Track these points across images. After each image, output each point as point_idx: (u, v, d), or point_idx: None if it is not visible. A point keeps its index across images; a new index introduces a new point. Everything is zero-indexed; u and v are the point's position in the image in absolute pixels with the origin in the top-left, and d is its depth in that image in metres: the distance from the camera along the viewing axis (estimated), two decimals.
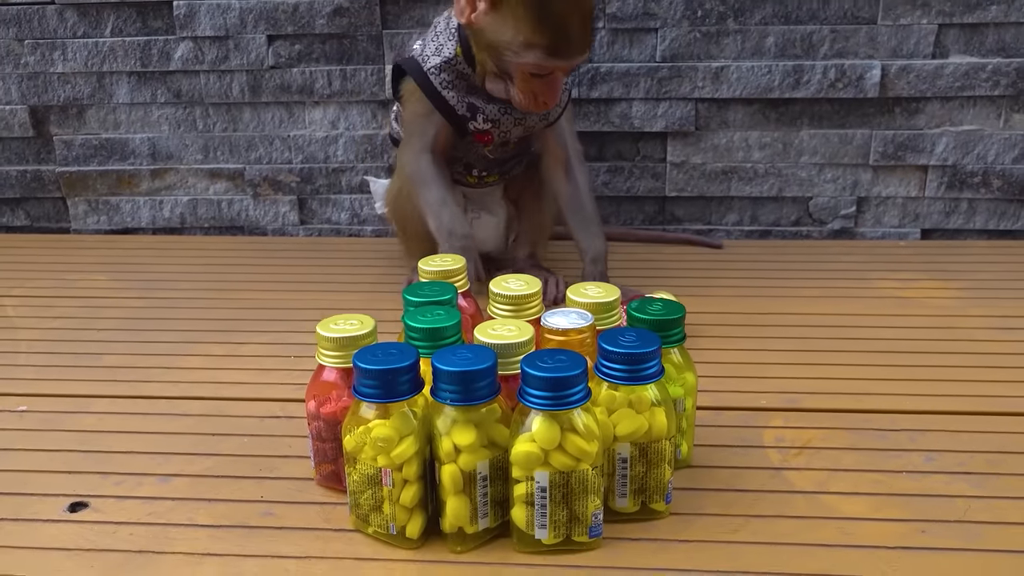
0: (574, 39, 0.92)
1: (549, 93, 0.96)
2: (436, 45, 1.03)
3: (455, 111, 1.03)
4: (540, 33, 0.90)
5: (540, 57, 0.92)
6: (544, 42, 0.91)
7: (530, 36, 0.91)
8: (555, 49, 0.91)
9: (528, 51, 0.92)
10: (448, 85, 1.02)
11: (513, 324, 0.67)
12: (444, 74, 1.02)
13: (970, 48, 1.25)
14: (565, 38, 0.91)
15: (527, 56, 0.92)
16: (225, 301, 1.14)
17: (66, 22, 1.34)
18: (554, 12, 0.90)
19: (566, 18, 0.90)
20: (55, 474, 0.75)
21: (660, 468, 0.66)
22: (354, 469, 0.64)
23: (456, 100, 1.03)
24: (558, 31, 0.91)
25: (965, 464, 0.74)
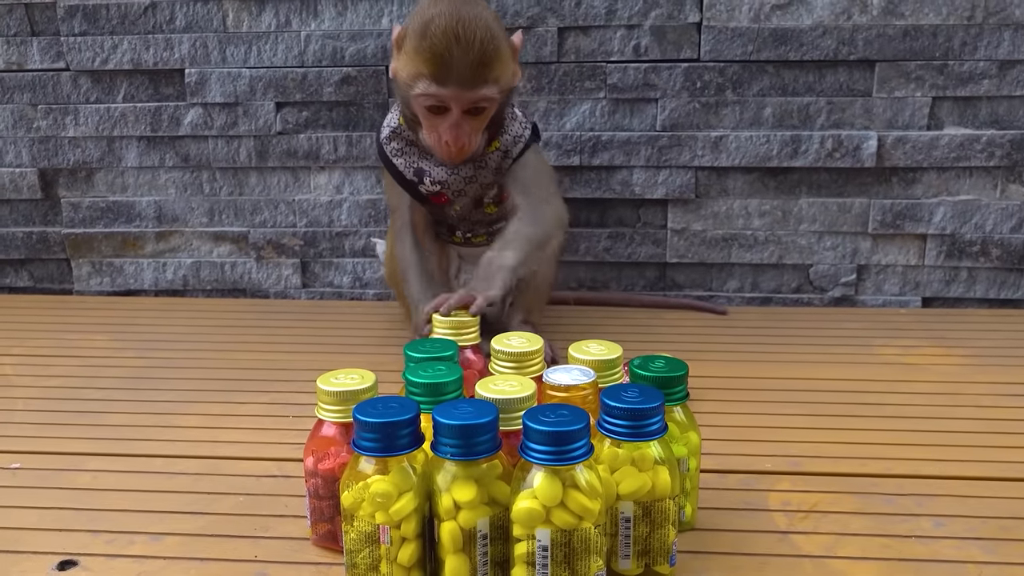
0: (454, 67, 0.94)
1: (451, 134, 0.98)
2: (390, 116, 1.11)
3: (404, 176, 1.08)
4: (423, 62, 0.95)
5: (426, 86, 0.96)
6: (427, 70, 0.95)
7: (418, 66, 0.96)
8: (437, 77, 0.95)
9: (418, 81, 0.97)
10: (398, 152, 1.08)
11: (515, 379, 0.67)
12: (394, 143, 1.08)
13: (964, 120, 1.28)
14: (444, 66, 0.94)
15: (418, 87, 0.97)
16: (225, 362, 1.14)
17: (80, 88, 1.38)
18: (433, 41, 0.94)
19: (444, 46, 0.94)
20: (46, 532, 0.74)
21: (664, 528, 0.64)
22: (351, 527, 0.63)
23: (404, 166, 1.08)
24: (436, 58, 0.94)
25: (976, 529, 0.72)
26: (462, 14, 0.95)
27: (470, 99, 0.97)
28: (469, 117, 0.99)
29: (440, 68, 0.95)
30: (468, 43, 0.94)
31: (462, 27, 0.94)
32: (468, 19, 0.95)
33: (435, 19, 0.95)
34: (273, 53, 1.33)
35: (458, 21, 0.94)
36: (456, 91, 0.96)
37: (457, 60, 0.94)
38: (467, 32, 0.94)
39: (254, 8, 1.32)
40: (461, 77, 0.95)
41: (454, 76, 0.95)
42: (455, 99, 0.97)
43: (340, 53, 1.32)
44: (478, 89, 0.96)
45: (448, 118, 0.98)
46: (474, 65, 0.95)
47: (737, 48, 1.27)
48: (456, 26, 0.94)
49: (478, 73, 0.96)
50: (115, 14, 1.34)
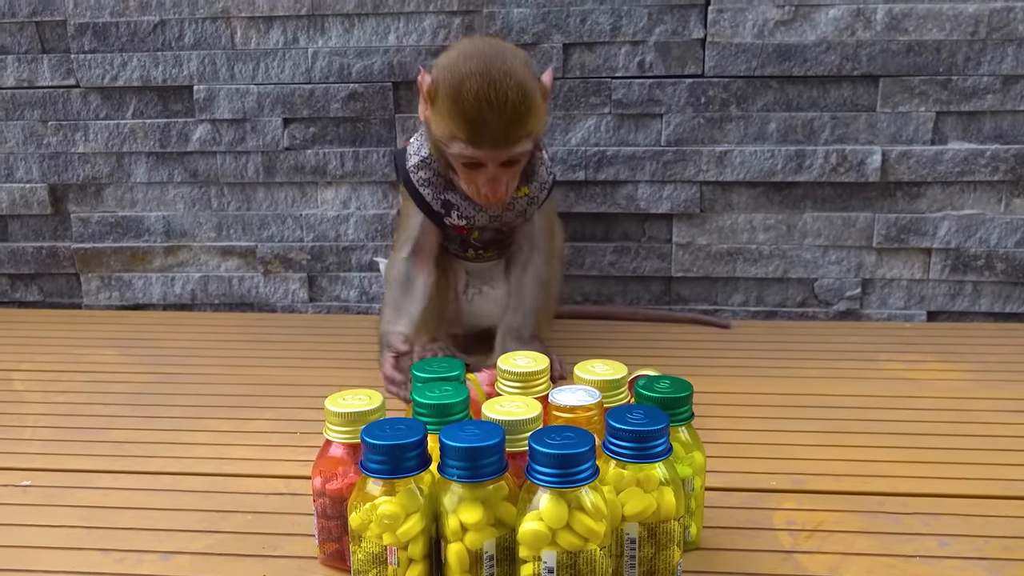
0: (488, 132, 0.95)
1: (490, 187, 0.99)
2: (418, 145, 1.09)
3: (431, 207, 1.08)
4: (459, 125, 0.96)
5: (462, 147, 0.97)
6: (462, 134, 0.96)
7: (453, 128, 0.96)
8: (473, 139, 0.96)
9: (453, 142, 0.97)
10: (425, 183, 1.07)
11: (521, 400, 0.68)
12: (422, 172, 1.07)
13: (968, 135, 1.28)
14: (479, 129, 0.95)
15: (453, 147, 0.97)
16: (232, 377, 1.15)
17: (89, 105, 1.39)
18: (468, 106, 0.94)
19: (478, 112, 0.94)
20: (55, 550, 0.74)
21: (669, 550, 0.65)
22: (359, 547, 0.63)
23: (432, 197, 1.07)
24: (473, 123, 0.95)
25: (980, 549, 0.72)
26: (493, 74, 0.94)
27: (505, 157, 0.98)
28: (505, 168, 0.99)
29: (475, 132, 0.95)
30: (501, 106, 0.94)
31: (494, 90, 0.93)
32: (499, 79, 0.94)
33: (467, 82, 0.94)
34: (281, 70, 1.34)
35: (489, 84, 0.93)
36: (492, 152, 0.96)
37: (491, 124, 0.94)
38: (499, 95, 0.94)
39: (262, 25, 1.33)
40: (495, 139, 0.96)
41: (489, 139, 0.96)
42: (490, 158, 0.97)
43: (347, 70, 1.33)
44: (511, 148, 0.97)
45: (484, 172, 0.99)
46: (507, 126, 0.95)
47: (741, 64, 1.27)
48: (488, 90, 0.93)
49: (512, 133, 0.96)
50: (125, 32, 1.35)
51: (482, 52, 0.97)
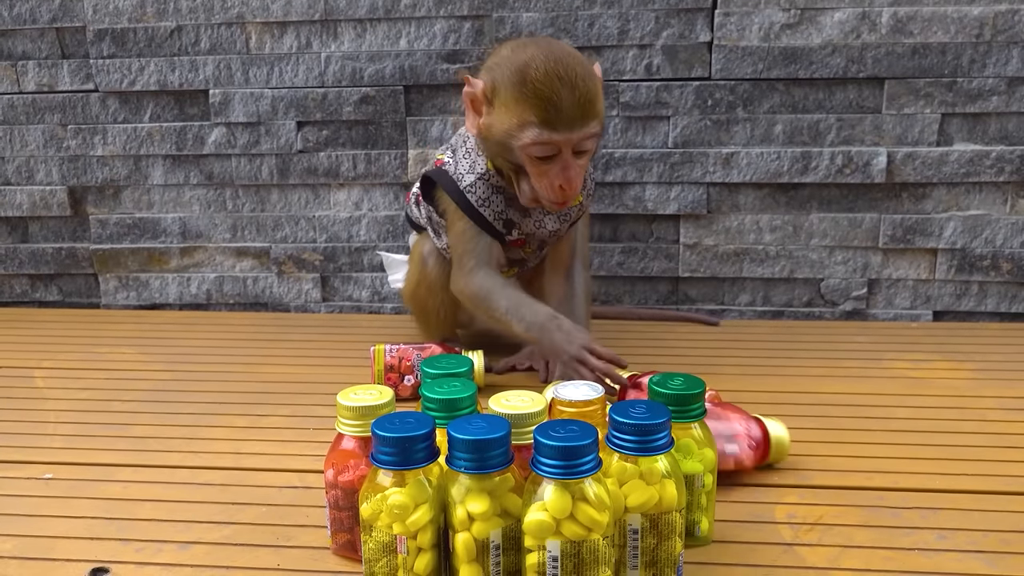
0: (563, 108, 0.92)
1: (565, 177, 0.95)
2: (469, 163, 1.05)
3: (494, 228, 1.06)
4: (529, 109, 0.92)
5: (536, 134, 0.93)
6: (535, 117, 0.92)
7: (523, 115, 0.93)
8: (547, 121, 0.92)
9: (525, 130, 0.93)
10: (484, 202, 1.04)
11: (526, 395, 0.69)
12: (479, 191, 1.04)
13: (973, 136, 1.29)
14: (554, 108, 0.92)
15: (526, 136, 0.93)
16: (247, 375, 1.17)
17: (108, 108, 1.42)
18: (537, 86, 0.91)
19: (550, 88, 0.91)
20: (78, 540, 0.77)
21: (671, 541, 0.66)
22: (370, 537, 0.65)
23: (493, 217, 1.05)
24: (545, 102, 0.92)
25: (978, 543, 0.74)
26: (556, 54, 0.92)
27: (581, 138, 0.94)
28: (576, 157, 0.96)
29: (549, 112, 0.92)
30: (572, 81, 0.92)
31: (562, 67, 0.91)
32: (564, 57, 0.92)
33: (532, 63, 0.92)
34: (294, 74, 1.37)
35: (556, 61, 0.91)
36: (567, 133, 0.93)
37: (565, 101, 0.92)
38: (568, 71, 0.91)
39: (276, 31, 1.36)
40: (571, 117, 0.93)
41: (564, 118, 0.92)
42: (566, 141, 0.94)
43: (359, 74, 1.36)
44: (587, 126, 0.94)
45: (558, 162, 0.95)
46: (581, 103, 0.93)
47: (748, 66, 1.29)
48: (556, 67, 0.91)
49: (585, 110, 0.93)
50: (142, 37, 1.38)
51: (535, 42, 0.96)
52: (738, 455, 0.83)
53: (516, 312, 1.02)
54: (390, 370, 1.08)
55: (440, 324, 1.16)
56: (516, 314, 1.02)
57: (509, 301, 1.03)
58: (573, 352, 0.97)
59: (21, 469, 0.91)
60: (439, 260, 1.14)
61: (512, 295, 1.03)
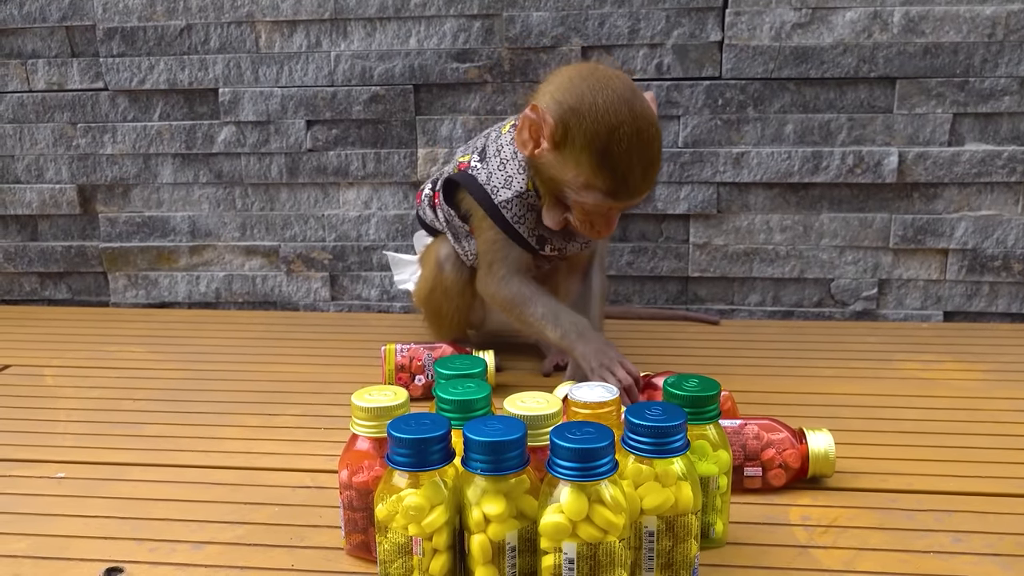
0: (632, 185, 0.92)
1: (604, 225, 0.97)
2: (504, 177, 1.03)
3: (529, 243, 1.05)
4: (600, 177, 0.91)
5: (599, 199, 0.93)
6: (604, 186, 0.92)
7: (590, 178, 0.92)
8: (614, 193, 0.92)
9: (587, 192, 0.93)
10: (519, 219, 1.03)
11: (542, 396, 0.69)
12: (515, 208, 1.03)
13: (985, 136, 1.28)
14: (624, 184, 0.91)
15: (586, 197, 0.93)
16: (257, 373, 1.17)
17: (117, 107, 1.42)
18: (616, 161, 0.90)
19: (628, 166, 0.90)
20: (92, 539, 0.77)
21: (687, 543, 0.66)
22: (385, 538, 0.65)
23: (528, 233, 1.04)
24: (618, 177, 0.91)
25: (994, 545, 0.73)
26: (639, 124, 0.90)
27: (638, 202, 0.96)
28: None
29: (619, 187, 0.92)
30: (649, 161, 0.91)
31: (643, 146, 0.90)
32: (646, 131, 0.90)
33: (617, 133, 0.89)
34: (304, 73, 1.37)
35: (638, 136, 0.89)
36: (627, 202, 0.94)
37: (637, 177, 0.91)
38: (647, 148, 0.91)
39: (286, 29, 1.36)
40: (637, 190, 0.93)
41: (631, 192, 0.93)
42: (622, 208, 0.96)
43: (369, 73, 1.36)
44: (646, 194, 0.95)
45: (607, 214, 0.96)
46: (651, 177, 0.93)
47: (758, 66, 1.29)
48: (639, 145, 0.90)
49: (651, 181, 0.94)
50: (152, 36, 1.38)
51: (620, 96, 0.90)
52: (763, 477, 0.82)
53: (553, 318, 1.02)
54: (401, 370, 1.08)
55: (453, 327, 1.16)
56: (553, 320, 1.02)
57: (546, 308, 1.03)
58: (605, 362, 0.98)
59: (33, 468, 0.91)
60: (456, 265, 1.13)
61: (548, 303, 1.04)
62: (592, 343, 1.00)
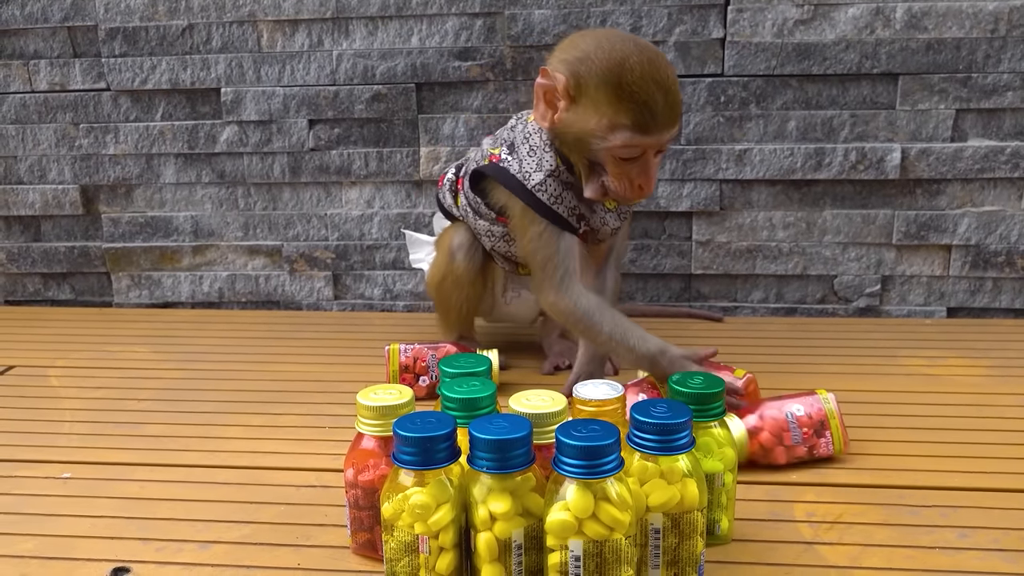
0: (658, 113, 0.89)
1: (644, 177, 0.93)
2: (536, 160, 1.00)
3: (570, 223, 1.01)
4: (623, 112, 0.89)
5: (627, 137, 0.89)
6: (629, 120, 0.89)
7: (614, 117, 0.89)
8: (641, 125, 0.89)
9: (615, 133, 0.90)
10: (557, 199, 1.00)
11: (547, 394, 0.69)
12: (551, 188, 0.99)
13: (988, 132, 1.28)
14: (649, 113, 0.89)
15: (615, 139, 0.90)
16: (261, 373, 1.17)
17: (120, 107, 1.42)
18: (633, 89, 0.88)
19: (647, 92, 0.88)
20: (98, 539, 0.77)
21: (692, 540, 0.66)
22: (391, 536, 0.65)
23: (567, 213, 1.00)
24: (641, 107, 0.88)
25: (999, 541, 0.73)
26: (649, 53, 0.89)
27: (669, 139, 0.92)
28: (656, 156, 0.93)
29: (645, 116, 0.88)
30: (667, 85, 0.89)
31: (658, 69, 0.88)
32: (656, 58, 0.89)
33: (627, 64, 0.87)
34: (306, 72, 1.37)
35: (650, 62, 0.88)
36: (658, 136, 0.90)
37: (660, 105, 0.89)
38: (662, 73, 0.88)
39: (287, 29, 1.36)
40: (664, 121, 0.90)
41: (658, 122, 0.89)
42: (655, 144, 0.91)
43: (371, 71, 1.36)
44: (675, 129, 0.92)
45: (640, 163, 0.92)
46: (673, 106, 0.90)
47: (761, 63, 1.29)
48: (652, 69, 0.88)
49: (676, 113, 0.91)
50: (154, 36, 1.38)
51: (622, 36, 0.90)
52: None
53: (623, 338, 0.97)
54: (405, 370, 1.08)
55: (461, 319, 1.15)
56: (624, 341, 0.97)
57: (613, 325, 0.98)
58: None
59: (39, 468, 0.91)
60: (468, 254, 1.11)
61: (614, 319, 0.98)
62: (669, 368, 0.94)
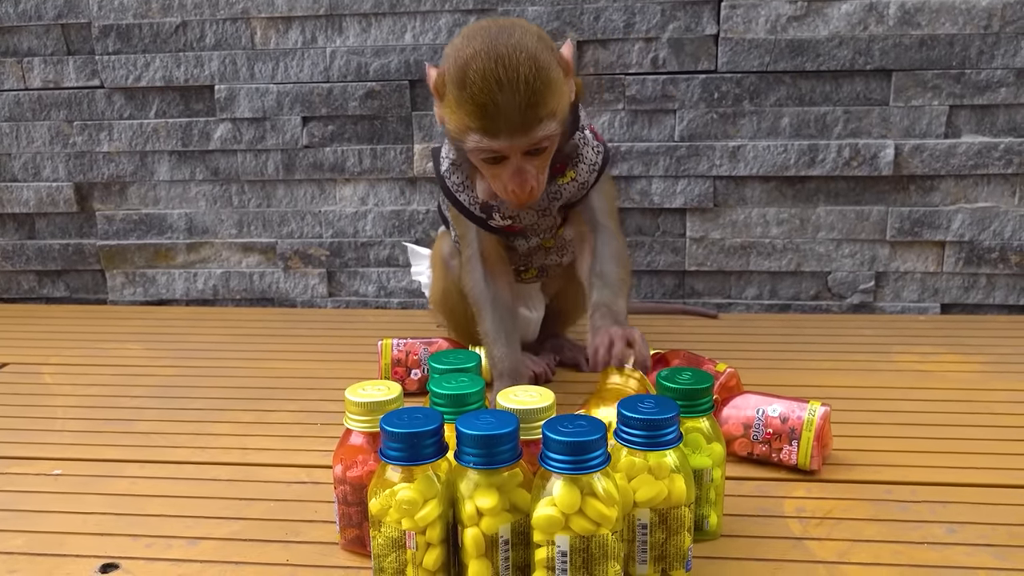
0: (503, 116, 0.83)
1: (515, 181, 0.87)
2: (447, 147, 0.99)
3: (472, 213, 0.99)
4: (468, 113, 0.85)
5: (477, 140, 0.85)
6: (475, 123, 0.85)
7: (463, 119, 0.85)
8: (487, 129, 0.84)
9: (468, 135, 0.86)
10: (460, 187, 0.98)
11: (534, 390, 0.69)
12: (455, 176, 0.98)
13: (981, 128, 1.28)
14: (492, 116, 0.83)
15: (469, 141, 0.86)
16: (254, 370, 1.17)
17: (113, 105, 1.42)
18: (476, 89, 0.83)
19: (489, 93, 0.83)
20: (88, 536, 0.77)
21: (680, 535, 0.66)
22: (379, 532, 0.65)
23: (470, 202, 0.98)
24: (483, 108, 0.83)
25: (987, 536, 0.73)
26: (499, 50, 0.82)
27: (527, 144, 0.86)
28: (531, 158, 0.87)
29: (487, 120, 0.84)
30: (512, 85, 0.82)
31: (502, 67, 0.82)
32: (507, 55, 0.82)
33: (471, 63, 0.83)
34: (300, 69, 1.37)
35: (496, 60, 0.82)
36: (510, 141, 0.85)
37: (504, 107, 0.83)
38: (508, 72, 0.82)
39: (281, 26, 1.36)
40: (512, 125, 0.84)
41: (504, 125, 0.84)
42: (510, 148, 0.86)
43: (364, 68, 1.35)
44: (533, 132, 0.85)
45: (508, 165, 0.87)
46: (523, 108, 0.83)
47: (754, 59, 1.29)
48: (495, 68, 0.82)
49: (529, 115, 0.84)
50: (147, 33, 1.38)
51: (486, 30, 0.85)
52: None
53: (491, 345, 0.99)
54: (397, 364, 1.08)
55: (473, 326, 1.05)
56: (489, 348, 0.99)
57: (492, 327, 0.99)
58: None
59: (30, 465, 0.91)
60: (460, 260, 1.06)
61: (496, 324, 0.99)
62: (502, 386, 0.93)
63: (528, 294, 1.12)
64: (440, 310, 1.13)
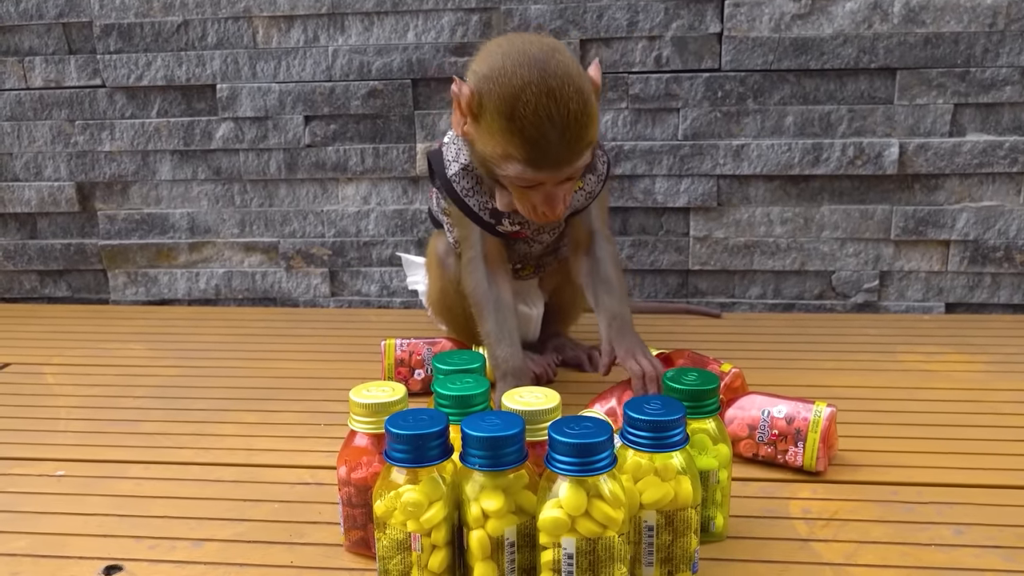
0: (551, 150, 0.83)
1: (547, 205, 0.88)
2: (456, 149, 0.99)
3: (481, 218, 0.99)
4: (515, 146, 0.84)
5: (520, 170, 0.85)
6: (521, 155, 0.84)
7: (507, 148, 0.84)
8: (533, 161, 0.84)
9: (508, 164, 0.85)
10: (469, 192, 0.98)
11: (540, 391, 0.69)
12: (464, 181, 0.98)
13: (986, 127, 1.28)
14: (541, 150, 0.83)
15: (508, 169, 0.86)
16: (257, 370, 1.17)
17: (115, 104, 1.42)
18: (527, 123, 0.82)
19: (539, 130, 0.82)
20: (91, 537, 0.77)
21: (686, 537, 0.66)
22: (384, 534, 0.65)
23: (479, 207, 0.98)
24: (533, 143, 0.83)
25: (995, 538, 0.73)
26: (550, 83, 0.81)
27: (568, 174, 0.86)
28: (563, 184, 0.88)
29: (535, 152, 0.83)
30: (564, 122, 0.82)
31: (555, 103, 0.81)
32: (559, 89, 0.81)
33: (523, 95, 0.81)
34: (302, 68, 1.36)
35: (548, 95, 0.81)
36: (552, 172, 0.85)
37: (553, 142, 0.82)
38: (560, 109, 0.81)
39: (283, 24, 1.35)
40: (558, 159, 0.84)
41: (551, 159, 0.84)
42: (550, 179, 0.86)
43: (367, 67, 1.35)
44: (575, 163, 0.85)
45: (541, 190, 0.87)
46: (571, 142, 0.83)
47: (758, 58, 1.28)
48: (548, 104, 0.81)
49: (575, 148, 0.84)
50: (149, 32, 1.38)
51: (532, 57, 0.83)
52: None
53: (494, 346, 0.98)
54: (400, 364, 1.08)
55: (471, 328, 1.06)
56: (492, 348, 0.99)
57: (494, 328, 0.99)
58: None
59: (32, 466, 0.91)
60: (458, 260, 1.06)
61: (498, 324, 0.99)
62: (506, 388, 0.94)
63: (526, 291, 1.13)
64: (438, 309, 1.13)
